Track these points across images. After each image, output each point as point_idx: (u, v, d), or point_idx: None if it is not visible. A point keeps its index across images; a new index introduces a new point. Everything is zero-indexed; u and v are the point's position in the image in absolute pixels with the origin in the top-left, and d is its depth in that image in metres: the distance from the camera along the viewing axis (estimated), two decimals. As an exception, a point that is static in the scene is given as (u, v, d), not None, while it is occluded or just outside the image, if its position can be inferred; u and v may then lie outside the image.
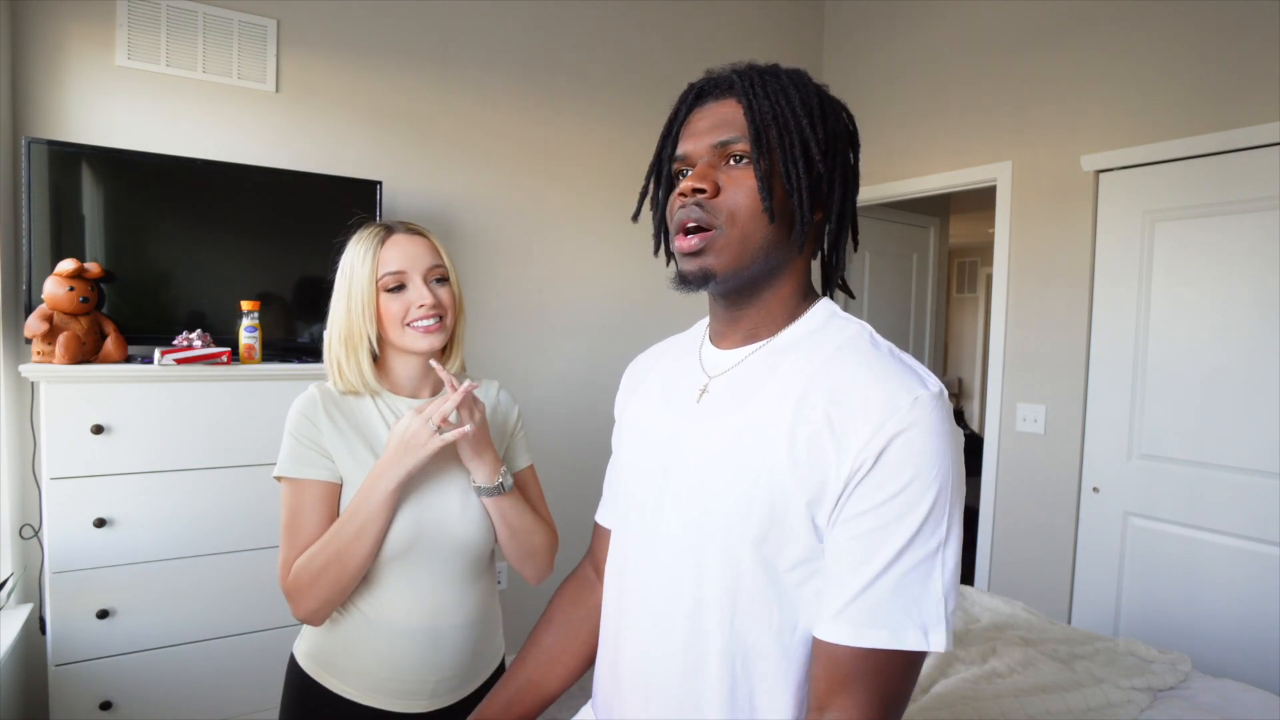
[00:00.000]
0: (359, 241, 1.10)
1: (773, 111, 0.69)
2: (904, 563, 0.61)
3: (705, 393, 0.75)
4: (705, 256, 0.70)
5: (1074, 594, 2.49)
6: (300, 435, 1.05)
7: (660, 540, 0.74)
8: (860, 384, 0.65)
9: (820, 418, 0.64)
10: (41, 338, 1.69)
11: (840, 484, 0.63)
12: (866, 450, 0.62)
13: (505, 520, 1.10)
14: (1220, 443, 2.15)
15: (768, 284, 0.73)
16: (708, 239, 0.69)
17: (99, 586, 1.70)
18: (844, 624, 0.61)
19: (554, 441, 2.71)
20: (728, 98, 0.72)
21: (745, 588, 0.67)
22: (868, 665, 0.61)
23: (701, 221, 0.69)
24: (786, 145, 0.69)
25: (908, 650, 0.61)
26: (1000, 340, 2.70)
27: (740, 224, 0.69)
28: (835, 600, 0.63)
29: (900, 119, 3.02)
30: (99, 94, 1.97)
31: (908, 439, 0.61)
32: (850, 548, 0.62)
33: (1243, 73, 2.08)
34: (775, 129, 0.69)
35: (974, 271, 6.55)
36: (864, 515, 0.62)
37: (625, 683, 0.77)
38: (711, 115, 0.72)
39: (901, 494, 0.61)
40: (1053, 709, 1.47)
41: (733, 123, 0.70)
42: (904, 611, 0.60)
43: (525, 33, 2.63)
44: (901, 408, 0.62)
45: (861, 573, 0.61)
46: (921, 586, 0.61)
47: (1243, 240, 2.11)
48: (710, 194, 0.69)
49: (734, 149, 0.69)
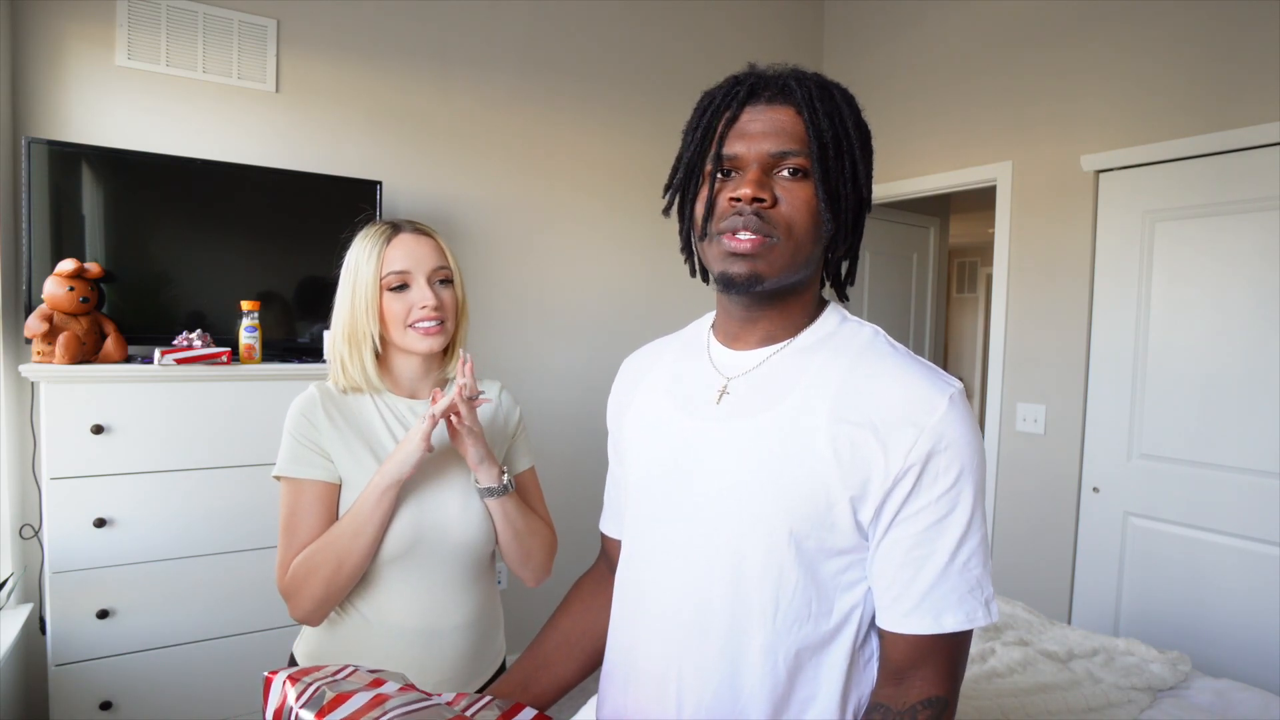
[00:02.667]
0: (365, 239, 1.10)
1: (832, 130, 0.69)
2: (965, 551, 0.66)
3: (726, 393, 0.75)
4: (758, 261, 0.69)
5: (1074, 594, 2.49)
6: (299, 435, 1.05)
7: (686, 544, 0.73)
8: (896, 385, 0.68)
9: (861, 418, 0.67)
10: (41, 338, 1.69)
11: (888, 482, 0.66)
12: (915, 451, 0.65)
13: (508, 521, 1.09)
14: (1220, 443, 2.15)
15: (796, 289, 0.75)
16: (763, 245, 0.69)
17: (99, 586, 1.70)
18: (924, 615, 0.66)
19: (554, 442, 2.71)
20: (783, 104, 0.70)
21: (787, 583, 0.69)
22: (942, 643, 0.67)
23: (760, 231, 0.68)
24: (842, 167, 0.70)
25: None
26: (1000, 340, 2.70)
27: (796, 237, 0.69)
28: (909, 595, 0.66)
29: (900, 119, 3.02)
30: (99, 94, 1.97)
31: (951, 438, 0.66)
32: (914, 544, 0.66)
33: (1243, 73, 2.08)
34: (833, 149, 0.69)
35: (974, 271, 6.55)
36: (922, 512, 0.66)
37: (643, 685, 0.75)
38: (766, 119, 0.70)
39: (951, 489, 0.66)
40: (1052, 709, 1.47)
41: (792, 133, 0.69)
42: (970, 594, 0.66)
43: (525, 33, 2.63)
44: (940, 408, 0.66)
45: (929, 566, 0.66)
46: (982, 568, 0.67)
47: (1243, 240, 2.10)
48: (769, 204, 0.68)
49: (792, 162, 0.69)
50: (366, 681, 0.69)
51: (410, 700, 0.67)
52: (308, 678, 0.68)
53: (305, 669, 0.71)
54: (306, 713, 0.63)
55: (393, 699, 0.66)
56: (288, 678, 0.69)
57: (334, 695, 0.65)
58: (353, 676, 0.70)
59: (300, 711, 0.64)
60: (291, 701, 0.65)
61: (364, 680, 0.69)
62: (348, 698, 0.65)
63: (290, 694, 0.66)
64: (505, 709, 0.73)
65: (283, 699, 0.67)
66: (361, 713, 0.63)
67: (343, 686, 0.67)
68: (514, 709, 0.74)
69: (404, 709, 0.65)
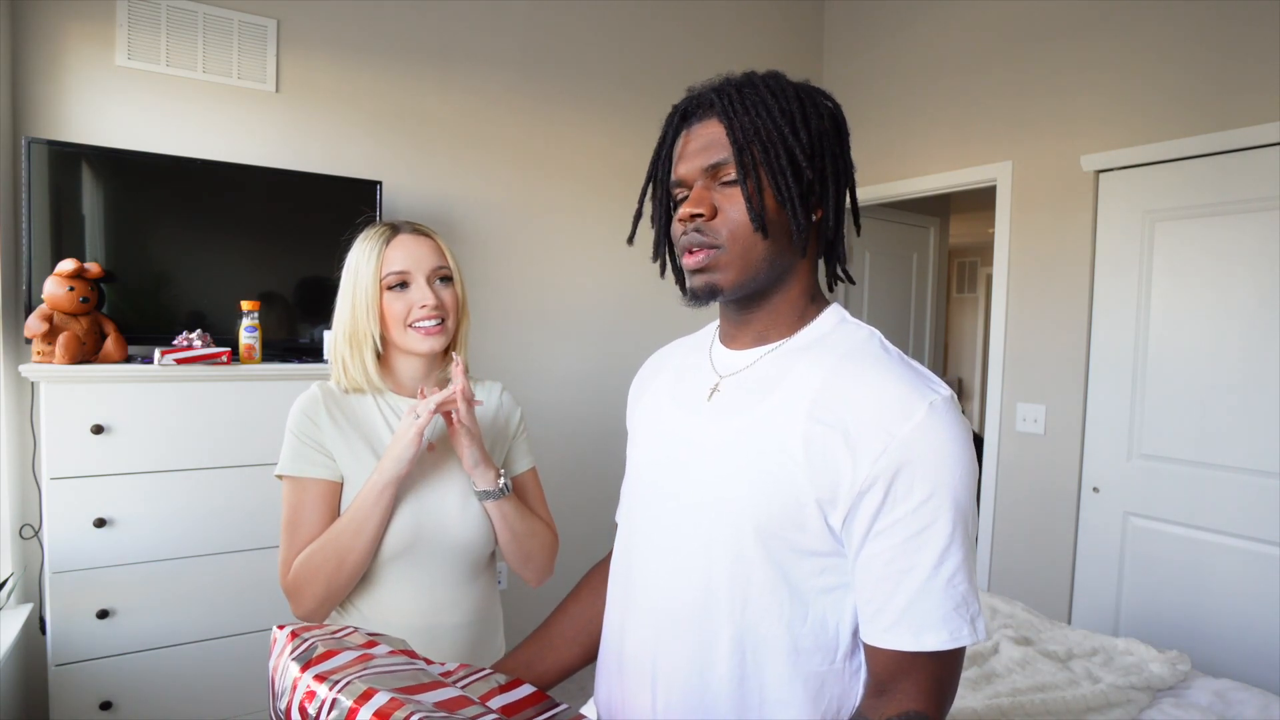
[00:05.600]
0: (365, 240, 1.10)
1: (754, 127, 0.70)
2: (948, 565, 0.64)
3: (717, 391, 0.77)
4: (711, 273, 0.72)
5: (1074, 594, 2.49)
6: (302, 434, 1.06)
7: (670, 533, 0.75)
8: (874, 389, 0.67)
9: (834, 420, 0.66)
10: (41, 338, 1.69)
11: (855, 487, 0.64)
12: (883, 460, 0.63)
13: (507, 523, 1.10)
14: (1220, 443, 2.15)
15: (775, 289, 0.75)
16: (711, 256, 0.72)
17: (99, 586, 1.70)
18: (904, 631, 0.64)
19: (554, 442, 2.71)
20: (711, 117, 0.73)
21: (756, 580, 0.69)
22: (924, 660, 0.65)
23: (703, 244, 0.72)
24: (772, 158, 0.70)
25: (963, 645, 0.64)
26: (1000, 340, 2.70)
27: (740, 241, 0.71)
28: (889, 609, 0.65)
29: (900, 118, 3.02)
30: (99, 94, 1.97)
31: (924, 449, 0.63)
32: (892, 556, 0.64)
33: (1243, 73, 2.08)
34: (759, 144, 0.70)
35: (974, 271, 6.56)
36: (898, 525, 0.64)
37: (630, 673, 0.77)
38: (699, 137, 0.73)
39: (928, 502, 0.63)
40: (1052, 708, 1.47)
41: (719, 144, 0.72)
42: (955, 611, 0.64)
43: (525, 33, 2.63)
44: (916, 415, 0.64)
45: (909, 580, 0.64)
46: (967, 584, 0.65)
47: (1243, 240, 2.11)
48: (708, 216, 0.71)
49: (723, 171, 0.71)
50: (361, 642, 0.73)
51: (397, 661, 0.70)
52: (308, 633, 0.72)
53: (308, 625, 0.75)
54: (295, 664, 0.67)
55: (379, 659, 0.69)
56: (291, 632, 0.73)
57: (324, 650, 0.68)
58: (350, 636, 0.74)
59: (290, 661, 0.68)
60: (287, 653, 0.69)
61: (359, 641, 0.73)
62: (336, 654, 0.68)
63: (288, 648, 0.70)
64: (504, 683, 0.75)
65: (282, 650, 0.71)
66: (345, 667, 0.66)
67: (333, 645, 0.70)
68: (512, 683, 0.75)
69: (389, 667, 0.67)
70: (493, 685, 0.74)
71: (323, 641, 0.70)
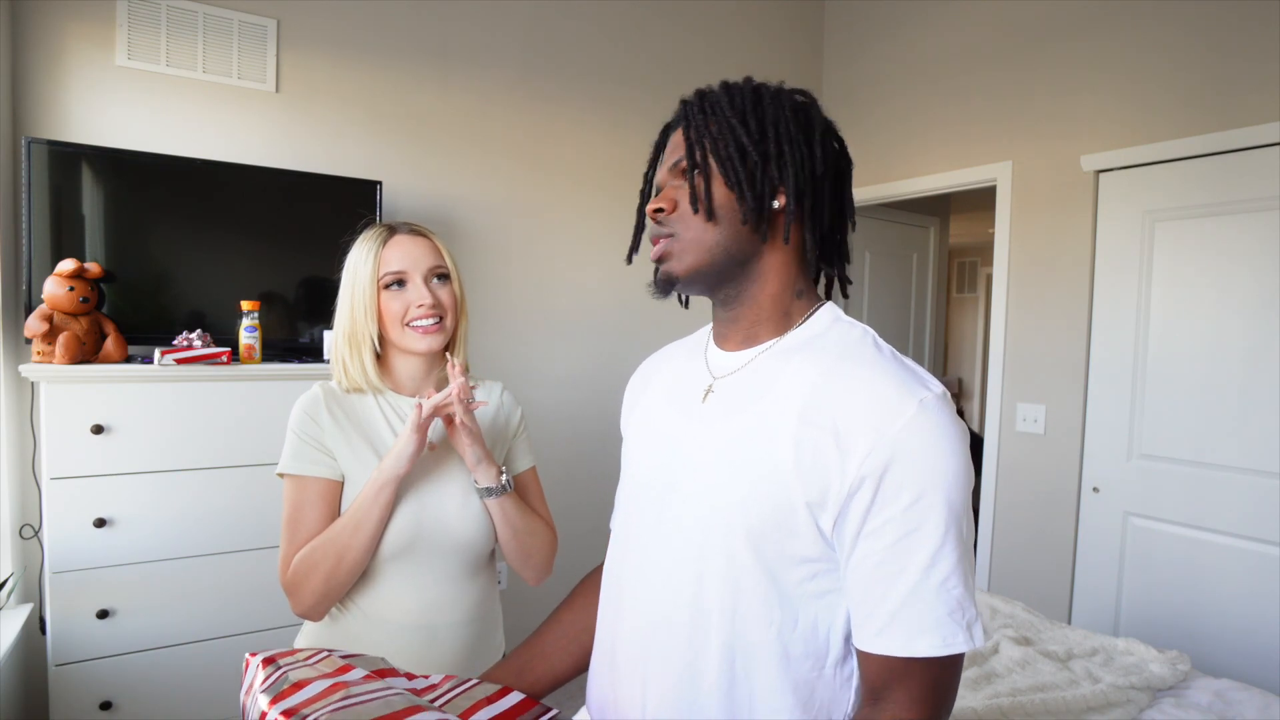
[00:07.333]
0: (363, 242, 1.12)
1: (706, 123, 0.74)
2: (941, 569, 0.62)
3: (710, 393, 0.77)
4: (667, 262, 0.76)
5: (1074, 594, 2.49)
6: (303, 433, 1.07)
7: (663, 536, 0.75)
8: (865, 388, 0.66)
9: (825, 422, 0.65)
10: (41, 338, 1.69)
11: (845, 489, 0.64)
12: (871, 460, 0.62)
13: (507, 521, 1.10)
14: (1220, 443, 2.15)
15: (748, 279, 0.75)
16: (667, 244, 0.75)
17: (99, 586, 1.70)
18: (895, 636, 0.63)
19: (554, 443, 2.71)
20: (680, 125, 0.78)
21: (746, 584, 0.68)
22: (918, 666, 0.63)
23: (660, 234, 0.76)
24: (720, 147, 0.72)
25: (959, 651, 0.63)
26: (1000, 340, 2.70)
27: (690, 227, 0.74)
28: (880, 614, 0.64)
29: (900, 118, 3.02)
30: (99, 94, 1.97)
31: (913, 448, 0.62)
32: (881, 559, 0.63)
33: (1243, 73, 2.08)
34: (709, 137, 0.73)
35: (974, 271, 6.56)
36: (887, 526, 0.63)
37: (621, 676, 0.77)
38: (672, 144, 0.79)
39: (917, 503, 0.62)
40: (1052, 708, 1.47)
41: (680, 144, 0.76)
42: (949, 616, 0.62)
43: (525, 32, 2.63)
44: (906, 414, 0.63)
45: (899, 584, 0.63)
46: (963, 588, 0.63)
47: (1243, 240, 2.11)
48: (668, 210, 0.75)
49: (682, 166, 0.75)
50: (336, 667, 0.71)
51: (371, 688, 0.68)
52: (282, 660, 0.71)
53: (282, 652, 0.74)
54: (264, 696, 0.65)
55: (353, 686, 0.68)
56: (263, 660, 0.71)
57: (295, 680, 0.67)
58: (322, 662, 0.72)
59: (260, 695, 0.66)
60: (258, 684, 0.68)
61: (333, 667, 0.72)
62: (306, 684, 0.67)
63: (259, 676, 0.69)
64: (491, 694, 0.74)
65: (253, 679, 0.69)
66: (316, 699, 0.65)
67: (305, 673, 0.69)
68: (500, 693, 0.75)
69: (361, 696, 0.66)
70: (479, 696, 0.74)
71: (295, 670, 0.69)
